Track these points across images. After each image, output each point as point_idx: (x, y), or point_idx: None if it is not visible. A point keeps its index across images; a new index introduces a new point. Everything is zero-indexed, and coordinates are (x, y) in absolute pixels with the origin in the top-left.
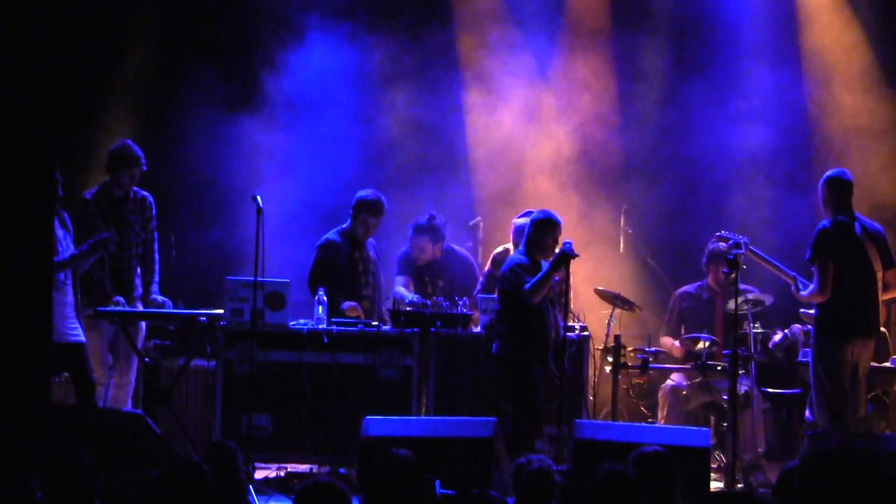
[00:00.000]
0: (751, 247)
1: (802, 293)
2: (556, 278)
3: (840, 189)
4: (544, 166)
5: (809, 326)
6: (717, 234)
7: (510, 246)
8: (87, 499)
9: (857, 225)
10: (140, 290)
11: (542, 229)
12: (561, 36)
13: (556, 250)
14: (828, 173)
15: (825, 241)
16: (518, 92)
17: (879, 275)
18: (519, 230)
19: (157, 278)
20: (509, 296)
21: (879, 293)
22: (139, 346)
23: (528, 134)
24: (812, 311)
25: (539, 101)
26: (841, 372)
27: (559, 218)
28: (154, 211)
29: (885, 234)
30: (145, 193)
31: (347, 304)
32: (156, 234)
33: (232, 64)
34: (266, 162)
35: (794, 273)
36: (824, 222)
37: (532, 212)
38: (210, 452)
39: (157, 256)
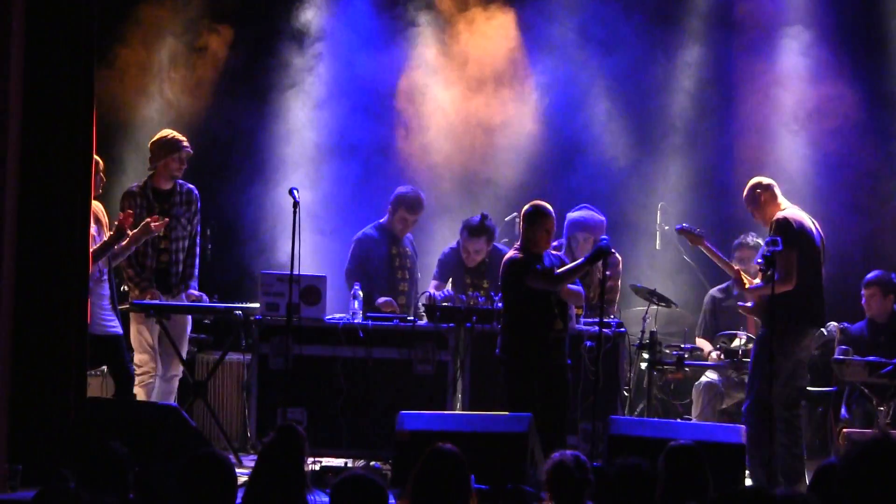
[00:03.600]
0: (706, 241)
1: (758, 283)
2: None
3: (766, 189)
4: (581, 161)
5: (846, 324)
6: (678, 226)
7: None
8: (120, 491)
9: (809, 218)
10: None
11: (533, 222)
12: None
13: (553, 241)
14: (750, 182)
15: (790, 230)
16: (553, 85)
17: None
18: (572, 224)
19: (196, 272)
20: (513, 290)
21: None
22: (186, 339)
23: (564, 129)
24: (749, 304)
25: (576, 97)
26: (784, 362)
27: (550, 209)
28: (199, 204)
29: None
30: (191, 186)
31: (382, 300)
32: (199, 228)
33: (264, 51)
34: (301, 153)
35: (738, 268)
36: (786, 213)
37: (588, 206)
38: (277, 434)
39: (198, 251)
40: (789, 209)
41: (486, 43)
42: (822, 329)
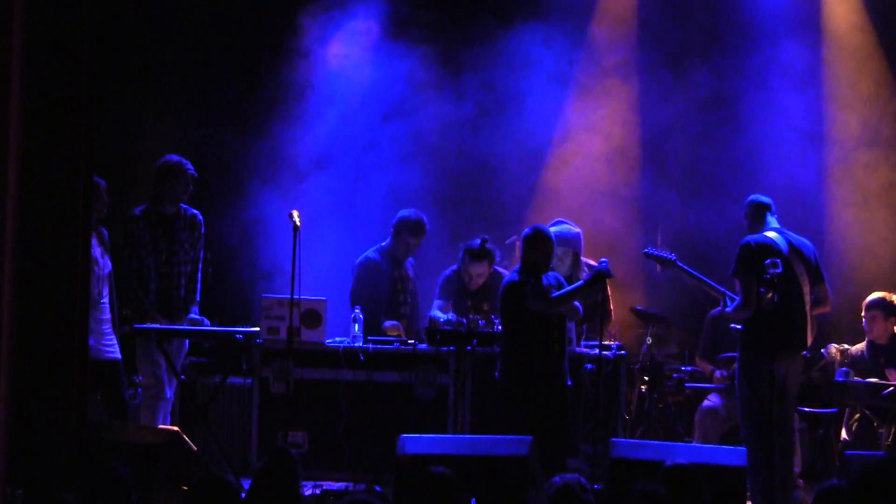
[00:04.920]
0: (678, 262)
1: (728, 310)
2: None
3: (756, 209)
4: (578, 183)
5: (846, 346)
6: (644, 251)
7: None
8: None
9: (783, 240)
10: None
11: (534, 245)
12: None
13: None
14: (748, 198)
15: (749, 255)
16: (547, 105)
17: (807, 289)
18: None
19: (198, 298)
20: (513, 314)
21: (808, 308)
22: (180, 363)
23: (561, 150)
24: (740, 327)
25: (570, 116)
26: (765, 388)
27: (550, 232)
28: (203, 230)
29: (813, 249)
30: (195, 211)
31: (389, 324)
32: (202, 254)
33: (267, 74)
34: (304, 176)
35: (723, 289)
36: (748, 237)
37: (564, 220)
38: (269, 459)
39: (200, 276)
40: (767, 232)
41: (485, 67)
42: (799, 352)
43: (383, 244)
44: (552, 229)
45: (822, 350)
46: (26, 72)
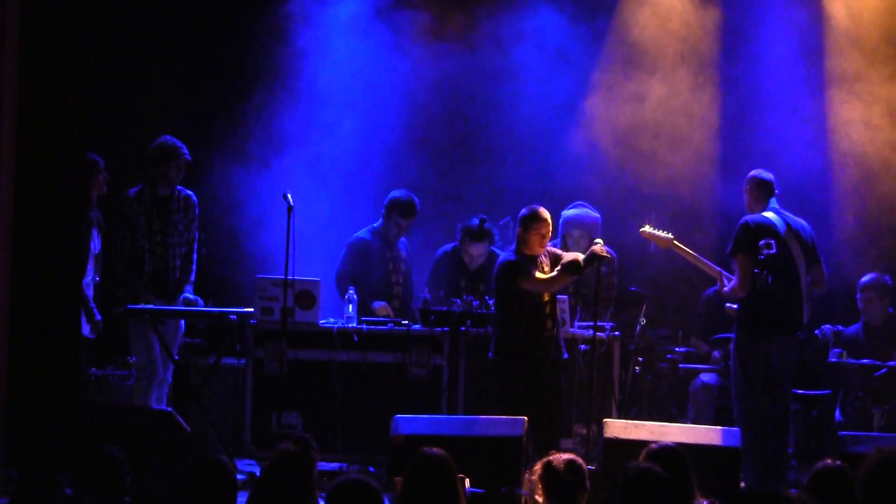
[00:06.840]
0: (675, 241)
1: (725, 290)
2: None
3: (758, 186)
4: (575, 163)
5: (840, 327)
6: (641, 229)
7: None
8: (116, 496)
9: (781, 221)
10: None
11: (528, 225)
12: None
13: (548, 245)
14: (750, 173)
15: (746, 235)
16: (551, 82)
17: (803, 271)
18: (567, 222)
19: (192, 278)
20: (506, 294)
21: (804, 290)
22: (177, 344)
23: (560, 129)
24: (736, 307)
25: (572, 95)
26: (757, 369)
27: (545, 213)
28: (197, 210)
29: (811, 231)
30: (189, 192)
31: (378, 304)
32: (196, 234)
33: (258, 51)
34: (296, 156)
35: (719, 268)
36: (746, 217)
37: (583, 204)
38: (292, 444)
39: (195, 256)
40: (766, 212)
41: (488, 43)
42: (793, 334)
43: (376, 224)
44: (570, 212)
45: (817, 331)
46: (21, 54)
